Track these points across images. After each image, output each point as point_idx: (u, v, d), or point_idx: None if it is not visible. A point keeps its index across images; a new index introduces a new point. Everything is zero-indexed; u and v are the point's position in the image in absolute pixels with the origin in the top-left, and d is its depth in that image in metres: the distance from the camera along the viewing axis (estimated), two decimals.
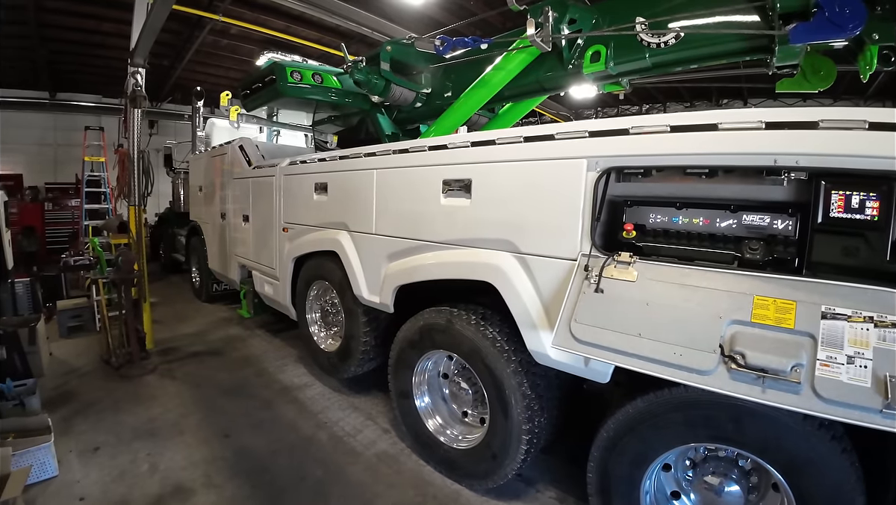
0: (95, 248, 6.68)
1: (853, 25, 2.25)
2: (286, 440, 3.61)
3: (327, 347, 4.49)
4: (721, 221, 2.09)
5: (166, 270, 10.23)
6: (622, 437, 2.26)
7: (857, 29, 2.25)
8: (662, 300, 1.96)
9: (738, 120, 1.96)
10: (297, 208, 4.53)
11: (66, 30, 9.17)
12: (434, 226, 3.03)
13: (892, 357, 1.52)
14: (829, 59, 2.77)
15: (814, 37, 2.38)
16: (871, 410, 1.50)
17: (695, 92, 12.88)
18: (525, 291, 2.49)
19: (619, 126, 2.24)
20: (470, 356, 2.87)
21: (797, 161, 1.81)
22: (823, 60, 2.78)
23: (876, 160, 1.66)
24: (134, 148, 5.47)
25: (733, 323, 1.80)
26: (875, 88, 11.43)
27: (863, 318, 1.61)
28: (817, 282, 1.74)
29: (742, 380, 1.72)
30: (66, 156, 12.82)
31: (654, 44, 3.02)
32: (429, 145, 3.12)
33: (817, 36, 2.37)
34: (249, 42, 9.46)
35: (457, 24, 7.26)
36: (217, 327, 6.51)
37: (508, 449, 2.72)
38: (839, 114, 1.75)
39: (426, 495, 3.00)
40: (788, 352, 1.67)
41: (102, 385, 4.57)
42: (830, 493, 1.79)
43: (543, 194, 2.45)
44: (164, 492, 3.01)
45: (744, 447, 1.98)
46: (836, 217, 1.77)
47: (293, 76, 4.85)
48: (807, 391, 1.62)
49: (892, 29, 2.28)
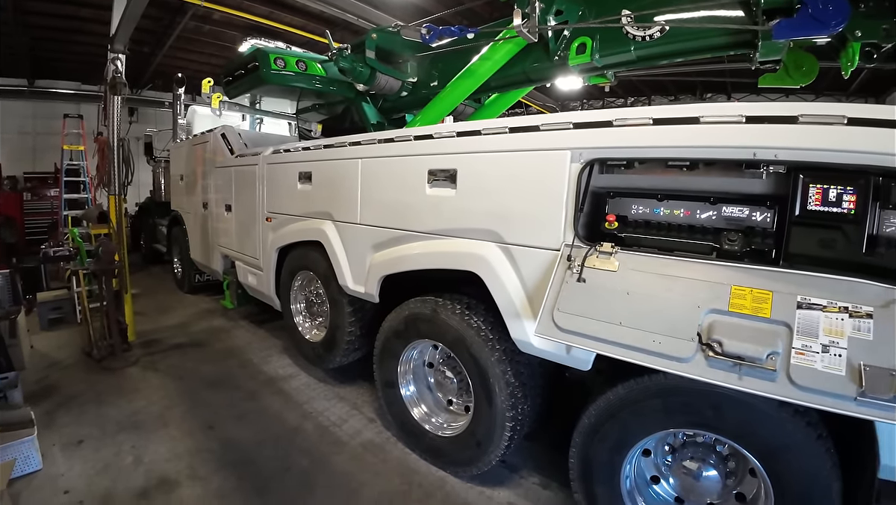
0: (75, 238, 6.56)
1: (836, 22, 2.27)
2: (271, 431, 3.61)
3: (312, 337, 4.48)
4: (701, 213, 2.13)
5: (147, 260, 10.06)
6: (603, 423, 2.30)
7: (839, 26, 2.28)
8: (643, 290, 2.00)
9: (719, 114, 1.98)
10: (280, 198, 4.49)
11: (44, 16, 8.90)
12: (419, 216, 3.03)
13: (867, 346, 1.56)
14: (812, 55, 2.79)
15: (797, 33, 2.41)
16: (846, 397, 1.55)
17: (680, 86, 12.99)
18: (509, 281, 2.51)
19: (602, 118, 2.26)
20: (455, 345, 2.89)
21: (776, 154, 1.85)
22: (806, 56, 2.80)
23: (853, 154, 1.69)
24: (114, 136, 5.35)
25: (711, 312, 1.84)
26: (857, 85, 11.62)
27: (838, 308, 1.65)
28: (793, 273, 1.79)
29: (719, 367, 1.77)
30: (45, 144, 12.50)
31: (640, 37, 3.03)
32: (414, 135, 3.11)
33: (800, 32, 2.39)
34: (232, 28, 9.25)
35: (443, 13, 7.22)
36: (200, 319, 6.45)
37: (492, 436, 2.75)
38: (818, 109, 1.78)
39: (412, 483, 3.03)
40: (764, 340, 1.71)
41: (85, 378, 4.52)
42: (806, 478, 1.84)
43: (528, 185, 2.47)
44: (148, 484, 3.00)
45: (722, 433, 2.03)
46: (813, 210, 1.81)
47: (276, 63, 4.77)
48: (782, 379, 1.66)
49: (874, 26, 2.29)
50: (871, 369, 1.53)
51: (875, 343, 1.56)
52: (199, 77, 6.99)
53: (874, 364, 1.53)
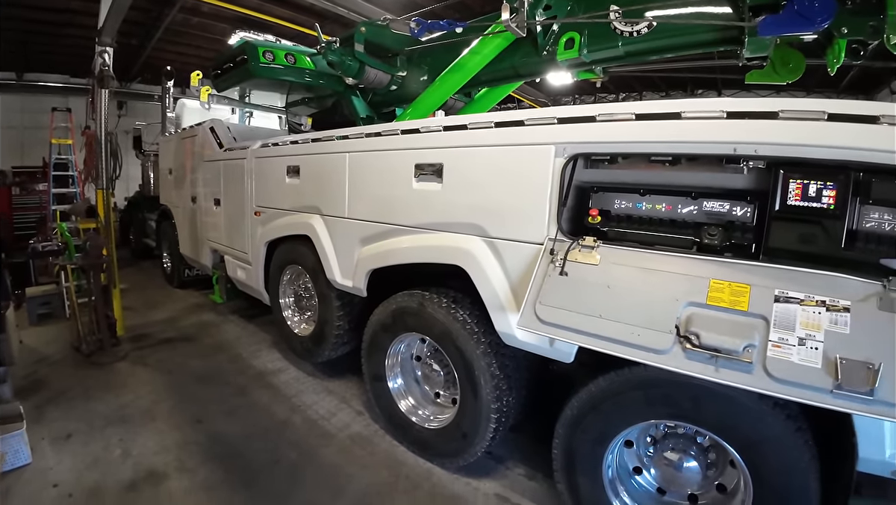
0: (63, 233, 6.50)
1: (822, 19, 2.27)
2: (260, 425, 3.62)
3: (301, 331, 4.49)
4: (682, 208, 2.15)
5: (137, 255, 9.98)
6: (585, 415, 2.33)
7: (825, 22, 2.28)
8: (623, 283, 2.02)
9: (700, 109, 2.01)
10: (269, 192, 4.48)
11: (33, 8, 8.77)
12: (406, 210, 3.05)
13: (844, 340, 1.59)
14: (799, 52, 2.81)
15: (783, 29, 2.42)
16: (822, 390, 1.57)
17: (670, 82, 13.03)
18: (494, 275, 2.53)
19: (586, 113, 2.28)
20: (441, 338, 2.91)
21: (756, 150, 1.87)
22: (793, 53, 2.82)
23: (833, 150, 1.71)
24: (102, 130, 5.30)
25: (690, 305, 1.87)
26: (848, 82, 11.69)
27: (815, 302, 1.67)
28: (772, 267, 1.81)
29: (696, 359, 1.79)
30: (33, 138, 12.33)
31: (627, 32, 3.05)
32: (401, 129, 3.11)
33: (786, 29, 2.40)
34: (221, 20, 9.16)
35: (434, 6, 7.19)
36: (189, 313, 6.43)
37: (478, 428, 2.78)
38: (799, 104, 1.79)
39: (399, 475, 3.06)
40: (741, 333, 1.74)
41: (73, 373, 4.51)
42: (784, 470, 1.87)
43: (512, 179, 2.48)
44: (137, 477, 3.01)
45: (701, 425, 2.05)
46: (793, 205, 1.84)
47: (265, 56, 4.76)
48: (758, 371, 1.68)
49: (861, 23, 2.31)
50: (847, 362, 1.55)
51: (852, 337, 1.58)
52: (189, 70, 6.94)
53: (851, 357, 1.55)
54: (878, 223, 1.74)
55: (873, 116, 1.65)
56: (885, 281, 1.60)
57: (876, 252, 1.71)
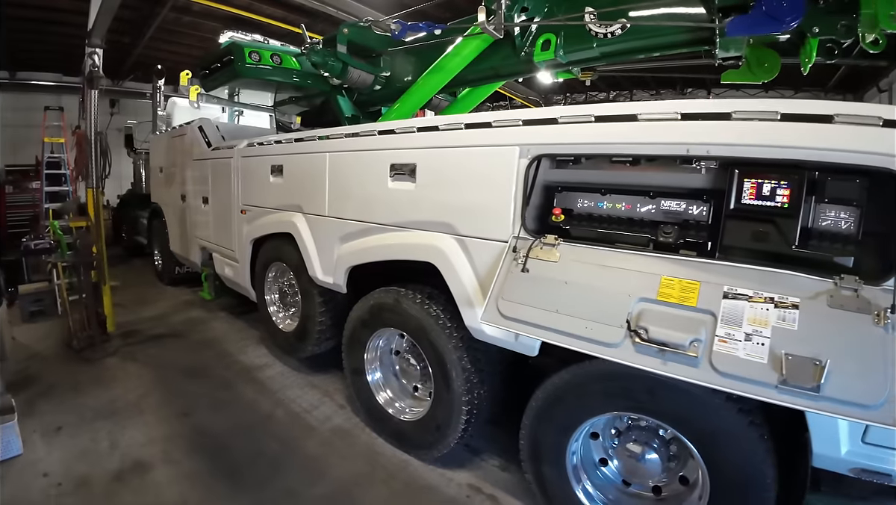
0: (56, 231, 6.56)
1: (790, 18, 2.31)
2: (244, 418, 3.72)
3: (285, 327, 4.58)
4: (641, 207, 2.23)
5: (129, 253, 10.05)
6: (549, 406, 2.41)
7: (794, 22, 2.31)
8: (580, 279, 2.11)
9: (656, 111, 2.06)
10: (254, 190, 4.56)
11: (23, 7, 8.80)
12: (382, 209, 3.13)
13: (791, 336, 1.61)
14: (774, 52, 2.81)
15: (751, 30, 2.47)
16: (767, 384, 1.60)
17: (660, 81, 13.08)
18: (463, 271, 2.61)
19: (549, 115, 2.35)
20: (416, 333, 3.01)
21: (708, 150, 1.92)
22: (768, 52, 2.82)
23: (787, 150, 1.74)
24: (91, 129, 5.36)
25: (641, 301, 1.93)
26: (836, 81, 11.75)
27: (763, 298, 1.71)
28: (722, 264, 1.86)
29: (645, 353, 1.86)
30: (26, 137, 12.36)
31: (602, 34, 3.12)
32: (378, 130, 3.19)
33: (755, 29, 2.45)
34: (212, 19, 9.20)
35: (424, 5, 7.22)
36: (179, 310, 6.51)
37: (450, 420, 2.88)
38: (752, 105, 1.83)
39: (376, 465, 3.15)
40: (688, 328, 1.79)
41: (64, 368, 4.59)
42: (739, 462, 1.91)
43: (481, 179, 2.57)
44: (123, 467, 3.11)
45: (658, 417, 2.12)
46: (747, 204, 1.88)
47: (251, 57, 4.82)
48: (704, 365, 1.73)
49: (832, 22, 2.32)
50: (793, 358, 1.58)
51: (800, 333, 1.60)
52: (181, 68, 7.01)
53: (797, 353, 1.58)
54: (832, 221, 1.77)
55: (827, 116, 1.68)
56: (837, 279, 1.63)
57: (830, 250, 1.74)
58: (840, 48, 2.44)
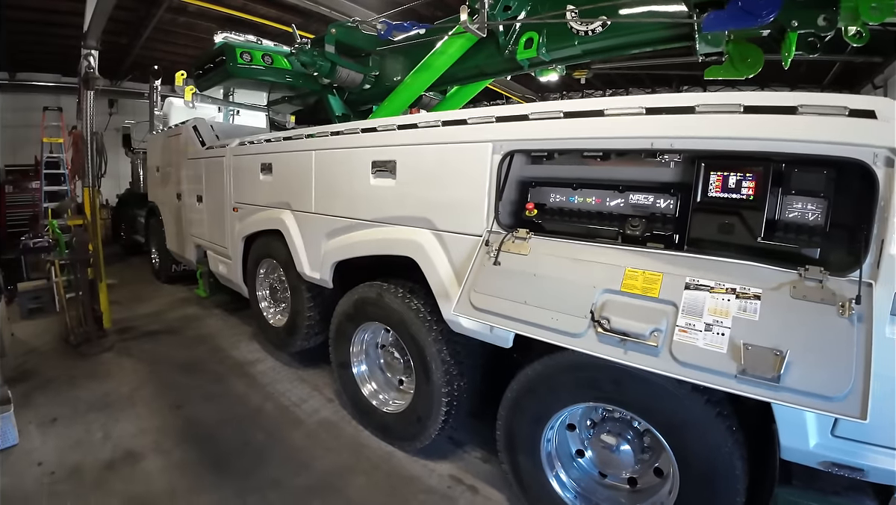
0: (54, 230, 6.64)
1: (767, 12, 2.31)
2: (234, 410, 3.80)
3: (276, 322, 4.66)
4: (610, 201, 2.28)
5: (128, 252, 10.16)
6: (523, 397, 2.47)
7: (770, 16, 2.31)
8: (548, 272, 2.16)
9: (623, 106, 2.11)
10: (245, 188, 4.64)
11: (22, 9, 8.90)
12: (365, 205, 3.20)
13: (752, 326, 1.63)
14: (757, 47, 2.78)
15: (727, 24, 2.47)
16: (726, 374, 1.62)
17: (656, 78, 13.07)
18: (441, 265, 2.68)
19: (520, 112, 2.42)
20: (398, 326, 3.08)
21: (671, 144, 1.96)
22: (751, 48, 2.78)
23: (751, 142, 1.77)
24: (87, 130, 5.45)
25: (606, 292, 1.98)
26: (832, 77, 11.71)
27: (725, 289, 1.73)
28: (686, 256, 1.89)
29: (607, 342, 1.89)
30: (26, 137, 12.47)
31: (583, 31, 3.16)
32: (361, 128, 3.26)
33: (731, 24, 2.46)
34: (208, 20, 9.26)
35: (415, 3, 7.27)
36: (175, 307, 6.60)
37: (431, 411, 2.94)
38: (716, 98, 1.86)
39: (360, 456, 3.23)
40: (649, 318, 1.82)
41: (61, 363, 4.69)
42: (707, 453, 1.92)
43: (457, 175, 2.63)
44: (115, 456, 3.20)
45: (626, 407, 2.14)
46: (714, 196, 1.91)
47: (243, 57, 4.88)
48: (664, 354, 1.75)
49: (811, 15, 2.29)
50: (752, 348, 1.60)
51: (761, 323, 1.62)
52: (177, 68, 7.09)
53: (757, 343, 1.59)
54: (799, 213, 1.79)
55: (791, 107, 1.69)
56: (801, 270, 1.65)
57: (797, 242, 1.76)
58: (822, 42, 2.43)
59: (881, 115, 1.57)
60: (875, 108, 1.58)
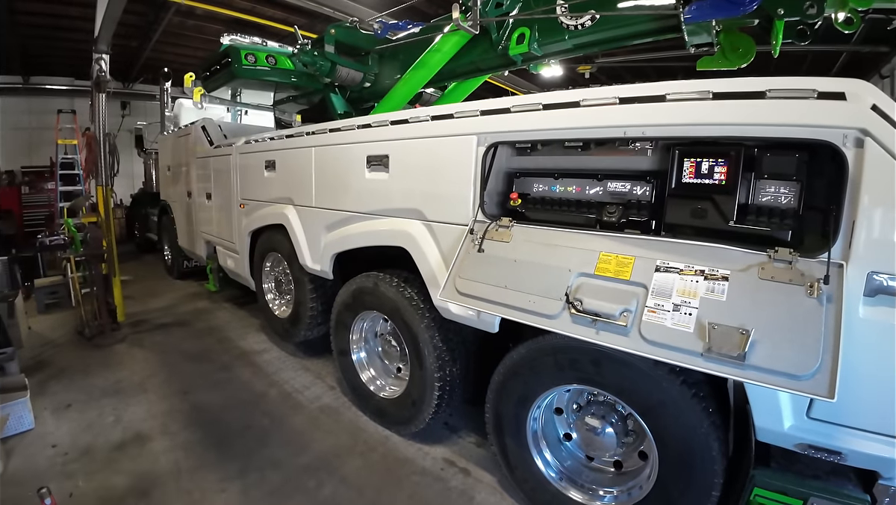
0: (70, 228, 6.89)
1: (750, 1, 2.32)
2: (239, 396, 3.97)
3: (281, 313, 4.83)
4: (590, 189, 2.37)
5: (141, 249, 10.47)
6: (508, 380, 2.58)
7: (753, 4, 2.32)
8: (528, 257, 2.27)
9: (598, 97, 2.19)
10: (251, 185, 4.80)
11: (34, 15, 9.18)
12: (360, 198, 3.33)
13: (719, 306, 1.68)
14: (748, 37, 2.77)
15: (710, 14, 2.50)
16: (693, 353, 1.68)
17: (660, 71, 12.99)
18: (431, 254, 2.80)
19: (502, 105, 2.52)
20: (393, 314, 3.20)
21: (643, 132, 2.03)
22: (742, 38, 2.77)
23: (721, 127, 1.80)
24: (100, 131, 5.66)
25: (580, 275, 2.07)
26: (839, 67, 11.59)
27: (694, 271, 1.80)
28: (659, 240, 1.97)
29: (580, 323, 1.99)
30: (41, 139, 12.83)
31: (573, 26, 3.24)
32: (357, 124, 3.38)
33: (714, 13, 2.48)
34: (215, 23, 9.47)
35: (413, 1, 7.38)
36: (186, 301, 6.82)
37: (424, 396, 3.07)
38: (686, 86, 1.89)
39: (357, 439, 3.36)
40: (620, 299, 1.91)
41: (76, 354, 4.90)
42: (684, 434, 1.98)
43: (444, 168, 2.74)
44: (125, 438, 3.38)
45: (605, 389, 2.22)
46: (687, 182, 1.96)
47: (247, 59, 5.03)
48: (634, 334, 1.83)
49: (797, 3, 2.27)
50: (718, 327, 1.65)
51: (728, 304, 1.67)
52: (187, 70, 7.25)
53: (724, 323, 1.64)
54: (771, 197, 1.83)
55: (759, 92, 1.71)
56: (770, 252, 1.69)
57: (768, 224, 1.80)
58: (812, 30, 2.40)
59: (850, 97, 1.58)
60: (845, 90, 1.60)
